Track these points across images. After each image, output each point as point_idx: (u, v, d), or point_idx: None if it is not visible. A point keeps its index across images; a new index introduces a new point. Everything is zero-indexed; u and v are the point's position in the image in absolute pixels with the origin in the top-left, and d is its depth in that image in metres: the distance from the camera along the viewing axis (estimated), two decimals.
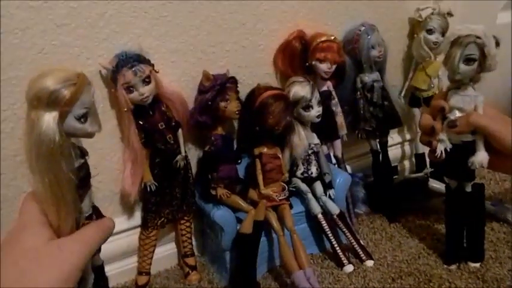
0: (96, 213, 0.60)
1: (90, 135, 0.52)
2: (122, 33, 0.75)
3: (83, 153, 0.55)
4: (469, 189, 0.80)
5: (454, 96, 0.73)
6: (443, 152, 0.72)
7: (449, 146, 0.73)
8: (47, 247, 0.42)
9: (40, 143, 0.45)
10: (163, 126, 0.78)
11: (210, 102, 0.79)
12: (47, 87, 0.45)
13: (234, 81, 0.81)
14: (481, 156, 0.72)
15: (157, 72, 0.76)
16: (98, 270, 0.65)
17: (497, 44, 0.70)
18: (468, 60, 0.70)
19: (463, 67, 0.70)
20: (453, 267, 0.84)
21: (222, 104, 0.79)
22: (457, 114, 0.73)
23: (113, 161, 0.81)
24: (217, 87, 0.79)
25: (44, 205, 0.47)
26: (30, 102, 0.46)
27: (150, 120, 0.77)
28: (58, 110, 0.46)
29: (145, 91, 0.73)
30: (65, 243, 0.43)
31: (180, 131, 0.81)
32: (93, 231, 0.46)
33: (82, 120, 0.49)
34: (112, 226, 0.49)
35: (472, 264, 0.85)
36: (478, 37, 0.69)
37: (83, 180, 0.54)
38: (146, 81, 0.73)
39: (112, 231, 0.48)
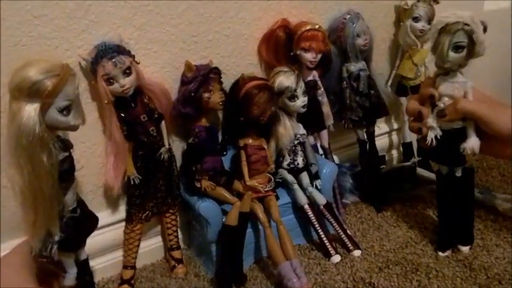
0: (82, 207, 0.60)
1: (73, 128, 0.52)
2: (101, 24, 0.74)
3: (67, 146, 0.54)
4: (459, 173, 0.80)
5: (443, 84, 0.72)
6: (433, 139, 0.72)
7: (439, 133, 0.72)
8: None
9: (19, 134, 0.45)
10: (146, 118, 0.77)
11: (193, 94, 0.78)
12: (29, 77, 0.45)
13: (217, 71, 0.80)
14: (472, 142, 0.71)
15: (138, 63, 0.75)
16: (83, 264, 0.64)
17: (485, 29, 0.69)
18: (457, 48, 0.69)
19: (452, 55, 0.69)
20: (447, 253, 0.84)
21: (206, 95, 0.78)
22: (447, 101, 0.72)
23: (96, 155, 0.80)
24: (200, 77, 0.78)
25: (21, 200, 0.46)
26: (12, 92, 0.46)
27: (132, 113, 0.76)
28: (40, 102, 0.46)
29: (126, 82, 0.72)
30: None
31: (163, 123, 0.79)
32: None
33: (65, 112, 0.49)
34: None
35: (463, 248, 0.85)
36: (466, 24, 0.68)
37: (66, 173, 0.53)
38: (127, 72, 0.72)
39: None
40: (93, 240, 0.79)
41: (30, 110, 0.45)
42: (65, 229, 0.53)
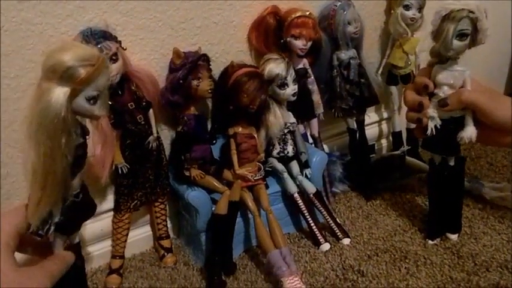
0: (84, 193, 0.59)
1: (96, 117, 0.52)
2: (87, 9, 0.72)
3: (84, 132, 0.55)
4: (452, 162, 0.80)
5: (442, 72, 0.71)
6: (433, 129, 0.72)
7: (439, 122, 0.72)
8: (17, 274, 0.46)
9: (45, 114, 0.46)
10: (133, 106, 0.76)
11: (181, 81, 0.76)
12: (65, 61, 0.46)
13: (206, 58, 0.79)
14: (470, 131, 0.71)
15: (125, 49, 0.73)
16: (75, 248, 0.63)
17: (486, 17, 0.68)
18: (461, 36, 0.67)
19: (456, 43, 0.68)
20: (436, 241, 0.85)
21: (194, 82, 0.77)
22: (446, 90, 0.71)
23: None
24: (189, 65, 0.77)
25: (32, 178, 0.48)
26: (45, 73, 0.46)
27: (119, 100, 0.74)
28: (70, 87, 0.46)
29: (112, 69, 0.70)
30: (34, 274, 0.48)
31: (151, 111, 0.78)
32: (57, 265, 0.52)
33: (92, 102, 0.49)
34: (72, 260, 0.55)
35: (451, 236, 0.86)
36: (471, 11, 0.66)
37: (78, 159, 0.53)
38: (113, 58, 0.70)
39: (71, 264, 0.54)
40: (81, 230, 0.78)
41: (60, 93, 0.46)
42: (65, 212, 0.53)
